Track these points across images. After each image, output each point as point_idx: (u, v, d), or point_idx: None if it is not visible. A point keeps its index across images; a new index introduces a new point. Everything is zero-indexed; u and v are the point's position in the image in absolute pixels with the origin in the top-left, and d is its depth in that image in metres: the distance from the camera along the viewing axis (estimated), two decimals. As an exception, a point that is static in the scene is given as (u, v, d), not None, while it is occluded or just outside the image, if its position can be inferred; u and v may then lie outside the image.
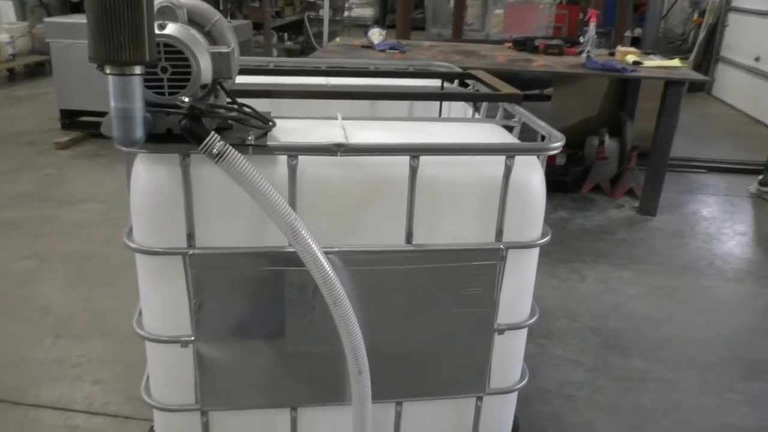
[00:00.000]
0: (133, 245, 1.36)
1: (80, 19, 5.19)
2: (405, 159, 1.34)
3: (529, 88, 5.44)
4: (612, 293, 3.24)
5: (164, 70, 1.20)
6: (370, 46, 4.44)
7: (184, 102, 1.18)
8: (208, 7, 1.33)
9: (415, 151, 1.33)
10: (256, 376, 1.48)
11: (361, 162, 1.36)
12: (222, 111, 1.29)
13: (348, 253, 1.39)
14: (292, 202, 1.33)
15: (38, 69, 7.91)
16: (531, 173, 1.44)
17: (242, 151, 1.24)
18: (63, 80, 5.26)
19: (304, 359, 1.48)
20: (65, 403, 2.26)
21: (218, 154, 1.19)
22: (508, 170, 1.37)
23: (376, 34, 4.50)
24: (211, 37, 1.35)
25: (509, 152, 1.36)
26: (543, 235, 1.50)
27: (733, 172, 5.26)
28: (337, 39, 4.76)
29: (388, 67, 2.40)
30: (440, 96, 1.72)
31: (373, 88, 1.81)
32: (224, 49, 1.27)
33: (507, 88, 1.78)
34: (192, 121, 1.20)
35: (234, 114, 1.31)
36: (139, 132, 1.14)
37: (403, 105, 2.17)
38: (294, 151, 1.30)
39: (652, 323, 2.99)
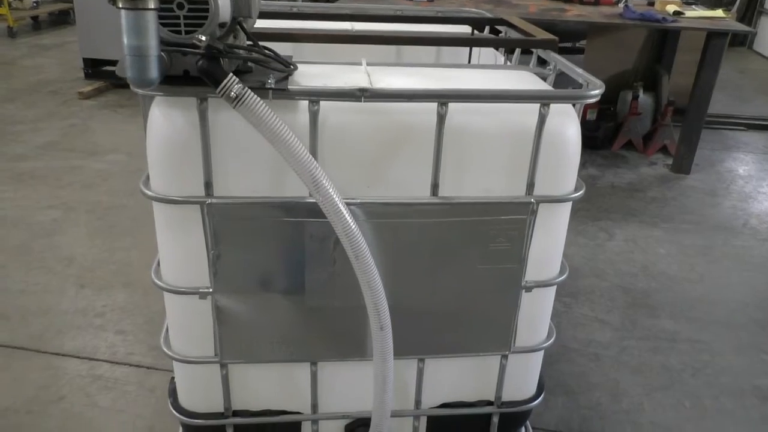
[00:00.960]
0: (149, 193, 1.32)
1: (101, -35, 5.08)
2: (432, 106, 1.26)
3: (561, 40, 5.25)
4: (642, 252, 3.16)
5: (180, 6, 1.13)
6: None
7: (201, 41, 1.11)
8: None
9: (443, 98, 1.25)
10: (275, 330, 1.45)
11: (386, 109, 1.29)
12: (242, 52, 1.22)
13: (371, 204, 1.33)
14: (314, 150, 1.27)
15: (63, 17, 7.88)
16: (566, 123, 1.36)
17: (262, 95, 1.18)
18: (86, 28, 5.21)
19: (325, 314, 1.44)
20: (89, 353, 2.28)
21: (236, 97, 1.13)
22: (542, 119, 1.29)
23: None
24: (229, -26, 1.28)
25: (544, 100, 1.27)
26: (576, 189, 1.43)
27: (773, 129, 5.06)
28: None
29: (415, 13, 2.29)
30: (469, 41, 1.62)
31: (399, 33, 1.72)
32: (243, -14, 1.19)
33: (541, 34, 1.68)
34: (209, 62, 1.13)
35: (254, 56, 1.24)
36: (153, 72, 1.08)
37: (430, 51, 2.08)
38: (316, 96, 1.23)
39: (682, 283, 2.91)
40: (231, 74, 1.13)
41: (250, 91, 1.14)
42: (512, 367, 1.57)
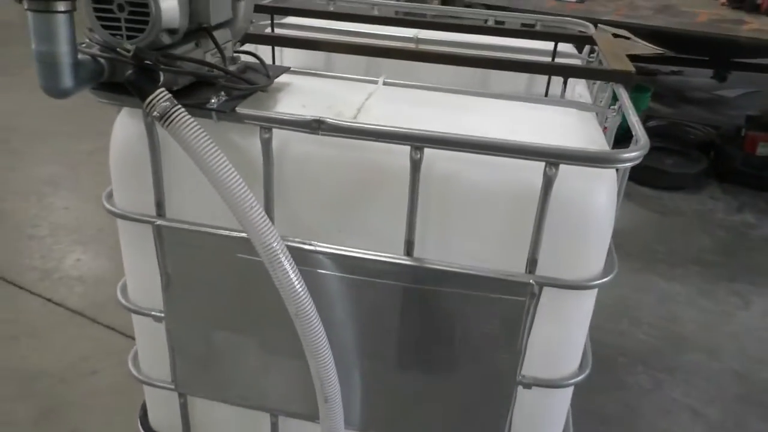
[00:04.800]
0: (106, 205, 1.22)
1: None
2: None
3: (747, 55, 4.47)
4: (782, 332, 2.55)
5: (121, 7, 1.00)
6: (546, -7, 3.89)
7: (126, 49, 0.97)
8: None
9: (417, 141, 1.00)
10: (231, 370, 1.30)
11: (357, 143, 1.06)
12: (191, 64, 1.06)
13: (328, 254, 1.12)
14: (268, 183, 1.09)
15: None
16: (593, 187, 1.04)
17: (205, 116, 1.03)
18: None
19: (284, 364, 1.26)
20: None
21: (162, 116, 0.97)
22: (548, 182, 0.98)
23: (556, -21, 3.93)
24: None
25: (550, 158, 0.96)
26: (604, 274, 1.10)
27: None
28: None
29: (508, 20, 2.00)
30: (514, 65, 1.32)
31: (437, 49, 1.46)
32: (202, -13, 1.03)
33: (622, 63, 1.33)
34: (137, 74, 0.99)
35: (197, 69, 1.08)
36: (66, 80, 0.96)
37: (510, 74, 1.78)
38: (266, 122, 1.04)
39: (826, 383, 2.30)
40: (161, 89, 0.98)
41: (181, 110, 0.98)
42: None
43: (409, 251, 1.09)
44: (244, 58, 1.24)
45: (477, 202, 1.06)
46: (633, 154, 0.96)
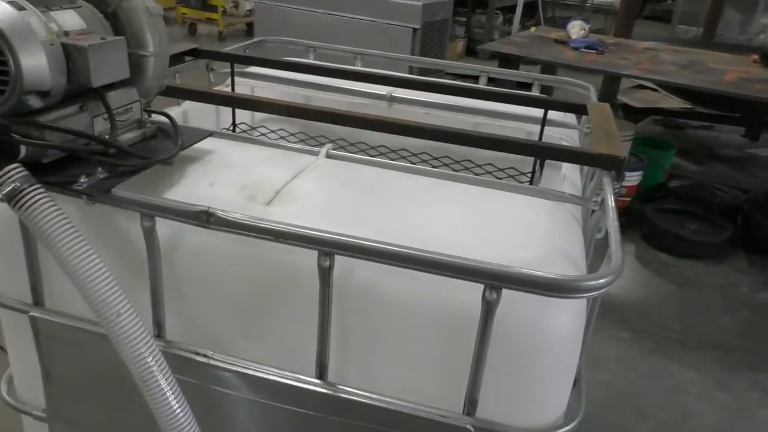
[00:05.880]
0: (-19, 287, 1.04)
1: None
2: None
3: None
4: (808, 437, 2.24)
5: (-24, 64, 0.82)
6: (565, 41, 3.70)
7: (-28, 115, 0.79)
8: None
9: (325, 246, 0.79)
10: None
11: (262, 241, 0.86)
12: (62, 134, 0.87)
13: (228, 370, 0.91)
14: (155, 278, 0.89)
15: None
16: (552, 314, 0.82)
17: (76, 196, 0.85)
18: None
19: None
20: None
21: (11, 198, 0.79)
22: (488, 307, 0.76)
23: (576, 28, 3.74)
24: (116, 23, 0.95)
25: (489, 280, 0.74)
26: (566, 420, 0.86)
27: None
28: (533, 29, 4.06)
29: (502, 77, 1.79)
30: (482, 141, 1.10)
31: (391, 118, 1.25)
32: (81, 43, 0.85)
33: (611, 145, 1.10)
34: (-13, 145, 0.81)
35: (77, 143, 0.89)
36: None
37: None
38: (146, 208, 0.84)
39: None
40: (14, 165, 0.80)
41: (37, 192, 0.79)
42: None
43: (321, 374, 0.88)
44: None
45: (406, 321, 0.84)
46: (600, 282, 0.73)
